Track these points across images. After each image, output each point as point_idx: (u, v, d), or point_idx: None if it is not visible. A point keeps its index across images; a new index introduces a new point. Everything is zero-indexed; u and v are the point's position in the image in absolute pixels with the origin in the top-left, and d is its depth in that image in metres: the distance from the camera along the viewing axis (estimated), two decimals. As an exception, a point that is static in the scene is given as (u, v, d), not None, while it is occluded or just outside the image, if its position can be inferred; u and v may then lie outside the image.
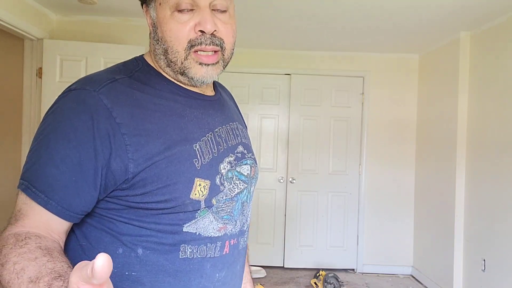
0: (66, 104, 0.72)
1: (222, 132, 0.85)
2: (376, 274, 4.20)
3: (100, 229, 0.75)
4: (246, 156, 0.89)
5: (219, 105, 0.90)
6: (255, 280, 3.77)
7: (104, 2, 3.04)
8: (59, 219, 0.70)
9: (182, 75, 0.79)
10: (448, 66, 3.65)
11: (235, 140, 0.88)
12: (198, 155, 0.77)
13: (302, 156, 4.27)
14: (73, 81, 0.76)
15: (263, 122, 4.31)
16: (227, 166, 0.82)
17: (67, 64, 3.14)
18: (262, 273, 4.04)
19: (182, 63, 0.77)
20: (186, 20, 0.75)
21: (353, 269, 4.27)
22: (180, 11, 0.75)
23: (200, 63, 0.77)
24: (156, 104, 0.76)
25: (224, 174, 0.80)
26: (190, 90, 0.83)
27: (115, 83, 0.74)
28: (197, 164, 0.76)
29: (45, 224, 0.69)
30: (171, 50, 0.76)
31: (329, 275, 3.60)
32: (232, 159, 0.84)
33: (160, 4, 0.76)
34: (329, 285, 3.55)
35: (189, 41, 0.76)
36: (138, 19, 3.36)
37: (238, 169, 0.85)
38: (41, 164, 0.69)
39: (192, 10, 0.75)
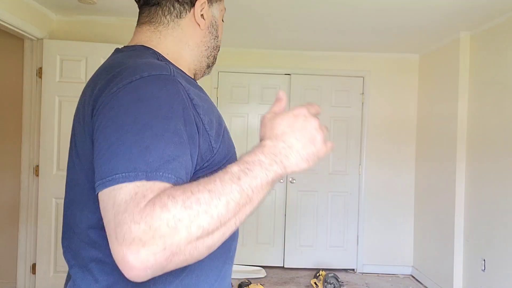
0: (154, 88, 0.65)
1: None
2: (376, 274, 4.20)
3: None
4: None
5: None
6: (255, 280, 3.78)
7: (104, 2, 3.04)
8: None
9: (208, 67, 0.95)
10: (448, 66, 3.65)
11: None
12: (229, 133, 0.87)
13: (302, 156, 4.26)
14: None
15: (263, 122, 4.31)
16: None
17: (67, 64, 3.14)
18: (262, 273, 4.04)
19: (215, 59, 0.96)
20: None
21: (353, 269, 4.27)
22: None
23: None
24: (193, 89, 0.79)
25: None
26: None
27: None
28: (232, 140, 0.87)
29: None
30: (218, 48, 0.95)
31: (329, 275, 3.60)
32: None
33: (221, 10, 0.94)
34: (329, 285, 3.54)
35: None
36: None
37: None
38: (159, 149, 0.60)
39: None
